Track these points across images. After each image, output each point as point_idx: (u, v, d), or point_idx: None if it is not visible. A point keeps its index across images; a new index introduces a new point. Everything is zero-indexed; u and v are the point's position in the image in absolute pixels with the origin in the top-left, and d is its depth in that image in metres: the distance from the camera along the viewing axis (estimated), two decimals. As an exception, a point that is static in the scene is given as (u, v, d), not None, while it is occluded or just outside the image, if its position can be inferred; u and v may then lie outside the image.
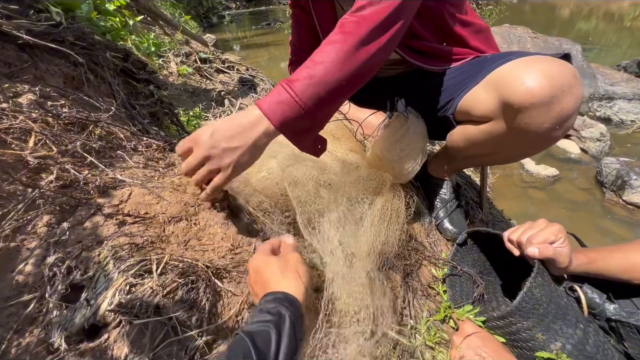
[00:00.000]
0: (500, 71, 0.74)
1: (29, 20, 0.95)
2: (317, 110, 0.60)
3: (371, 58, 0.62)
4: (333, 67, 0.59)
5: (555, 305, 0.66)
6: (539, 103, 0.65)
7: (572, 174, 2.92)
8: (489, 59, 0.83)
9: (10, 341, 0.40)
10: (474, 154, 0.92)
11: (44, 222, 0.53)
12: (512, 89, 0.68)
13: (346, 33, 0.61)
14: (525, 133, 0.71)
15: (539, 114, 0.66)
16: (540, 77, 0.65)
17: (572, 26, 8.71)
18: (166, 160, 0.96)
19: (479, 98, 0.79)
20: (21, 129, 0.67)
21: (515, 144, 0.78)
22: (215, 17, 14.93)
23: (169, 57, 3.56)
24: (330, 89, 0.59)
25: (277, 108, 0.57)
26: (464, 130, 0.87)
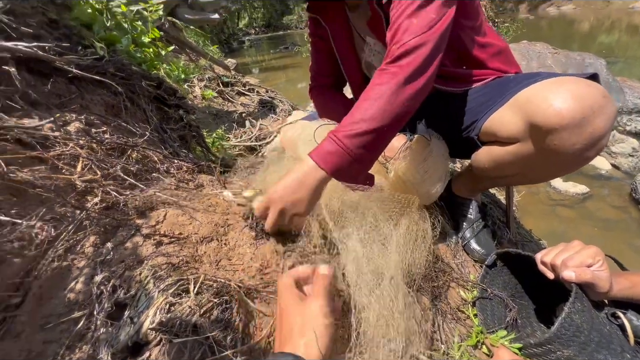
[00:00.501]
0: (527, 93, 0.74)
1: (77, 55, 1.04)
2: (363, 155, 0.68)
3: (409, 104, 0.68)
4: (375, 118, 0.66)
5: (597, 333, 0.62)
6: (569, 125, 0.65)
7: (603, 191, 2.79)
8: (511, 79, 0.84)
9: (63, 357, 0.42)
10: (500, 175, 0.90)
11: (91, 242, 0.57)
12: (540, 111, 0.68)
13: (383, 84, 0.67)
14: (556, 154, 0.70)
15: (570, 136, 0.66)
16: (569, 98, 0.65)
17: (593, 40, 8.55)
18: (195, 181, 1.00)
19: (505, 120, 0.79)
20: (70, 155, 0.72)
21: (545, 165, 0.76)
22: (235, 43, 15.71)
23: (193, 82, 3.76)
24: (374, 137, 0.67)
25: (328, 158, 0.67)
26: (490, 151, 0.86)
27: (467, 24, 0.86)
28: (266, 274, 0.69)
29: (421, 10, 0.69)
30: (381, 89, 0.67)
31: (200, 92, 3.59)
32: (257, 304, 0.59)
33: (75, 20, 1.13)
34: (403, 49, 0.68)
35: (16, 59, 0.82)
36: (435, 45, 0.68)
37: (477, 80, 0.90)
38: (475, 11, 0.87)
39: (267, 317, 0.58)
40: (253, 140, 3.01)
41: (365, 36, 0.97)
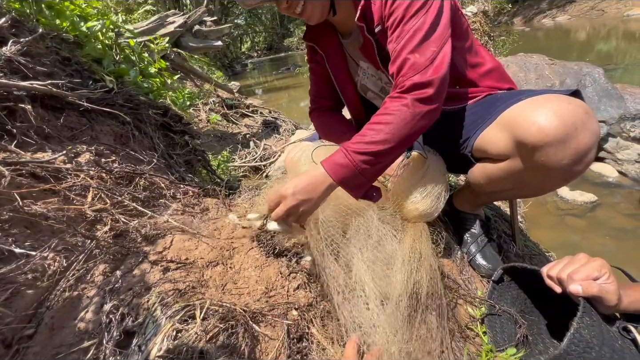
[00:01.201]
0: (512, 112, 0.76)
1: (88, 89, 1.10)
2: (369, 171, 0.74)
3: (416, 130, 0.74)
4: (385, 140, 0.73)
5: (609, 349, 0.61)
6: (553, 142, 0.67)
7: (612, 199, 2.74)
8: (499, 98, 0.86)
9: (73, 387, 0.43)
10: (495, 190, 0.92)
11: (100, 271, 0.59)
12: (525, 129, 0.70)
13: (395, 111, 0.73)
14: (545, 169, 0.72)
15: (556, 152, 0.68)
16: (551, 116, 0.67)
17: (591, 48, 8.63)
18: (201, 205, 1.02)
19: (494, 138, 0.81)
20: (81, 186, 0.75)
21: (536, 180, 0.78)
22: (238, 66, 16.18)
23: (198, 107, 3.87)
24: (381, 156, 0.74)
25: (337, 169, 0.73)
26: (483, 168, 0.88)
27: (458, 45, 0.89)
28: (271, 297, 0.69)
29: (422, 44, 0.74)
30: (393, 115, 0.73)
31: (206, 116, 3.69)
32: (262, 328, 0.60)
33: (87, 56, 1.20)
34: (411, 82, 0.73)
35: (31, 96, 0.87)
36: (442, 80, 0.73)
37: (471, 98, 0.93)
38: (465, 32, 0.90)
39: (273, 340, 0.59)
40: (257, 161, 3.06)
41: (359, 60, 1.02)
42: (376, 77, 1.02)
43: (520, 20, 15.39)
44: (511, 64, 3.56)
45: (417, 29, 0.74)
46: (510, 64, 3.56)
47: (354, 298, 0.72)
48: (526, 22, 14.98)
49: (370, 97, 1.10)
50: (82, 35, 1.17)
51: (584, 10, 13.62)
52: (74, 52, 1.16)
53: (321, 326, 0.66)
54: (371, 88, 1.06)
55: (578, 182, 2.94)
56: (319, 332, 0.65)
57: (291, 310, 0.66)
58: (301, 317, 0.65)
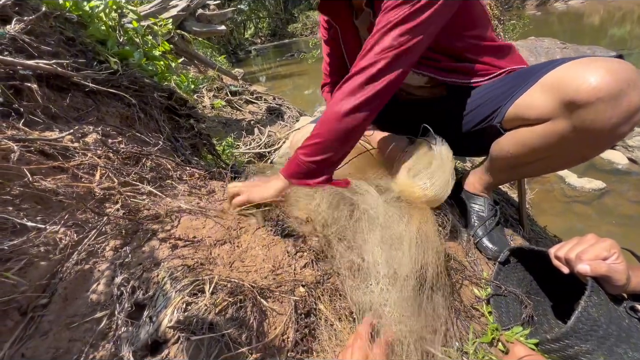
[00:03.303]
0: (557, 73, 0.74)
1: (93, 70, 1.09)
2: (315, 163, 0.83)
3: (353, 120, 0.80)
4: (321, 134, 0.81)
5: (616, 327, 0.61)
6: (606, 97, 0.65)
7: (622, 186, 2.71)
8: (534, 67, 0.84)
9: (87, 355, 0.44)
10: (523, 162, 0.89)
11: (111, 246, 0.59)
12: (575, 87, 0.68)
13: (333, 104, 0.80)
14: (591, 130, 0.70)
15: (606, 109, 0.66)
16: (604, 72, 0.65)
17: (605, 33, 8.37)
18: (207, 187, 1.03)
19: (535, 101, 0.78)
20: (89, 165, 0.76)
21: (576, 144, 0.76)
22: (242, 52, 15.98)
23: (202, 92, 3.84)
24: (320, 149, 0.82)
25: (287, 166, 0.86)
26: (516, 134, 0.85)
27: (469, 34, 0.88)
28: (278, 274, 0.70)
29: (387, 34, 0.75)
30: (329, 108, 0.81)
31: (210, 102, 3.67)
32: (270, 303, 0.60)
33: (91, 37, 1.18)
34: (352, 70, 0.79)
35: (37, 76, 0.87)
36: (382, 67, 0.76)
37: (488, 73, 0.91)
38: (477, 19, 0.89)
39: (281, 315, 0.59)
40: (262, 147, 3.05)
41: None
42: None
43: (532, 4, 14.91)
44: (521, 48, 3.47)
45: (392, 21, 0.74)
46: (520, 48, 3.46)
47: (363, 276, 0.72)
48: (538, 5, 14.52)
49: None
50: (85, 15, 1.16)
51: (598, -7, 13.14)
52: (78, 32, 1.15)
53: (329, 303, 0.66)
54: None
55: (586, 169, 2.90)
56: (326, 309, 0.65)
57: (298, 287, 0.67)
58: (308, 294, 0.65)
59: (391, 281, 0.72)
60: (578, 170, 2.87)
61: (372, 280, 0.72)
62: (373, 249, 0.77)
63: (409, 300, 0.70)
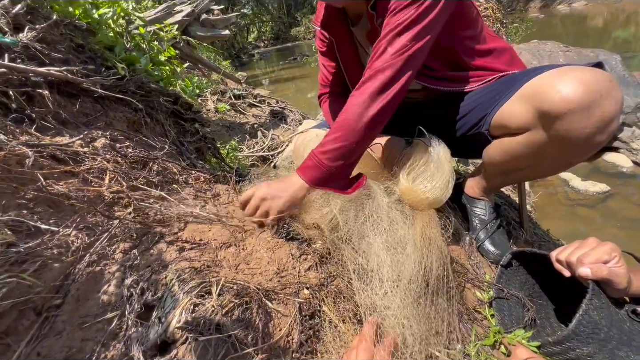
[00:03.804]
0: (533, 83, 0.75)
1: (101, 76, 1.12)
2: (335, 167, 0.80)
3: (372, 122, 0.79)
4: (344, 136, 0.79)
5: (617, 330, 0.61)
6: (577, 109, 0.66)
7: (626, 189, 2.70)
8: (518, 74, 0.86)
9: (99, 354, 0.46)
10: (513, 168, 0.90)
11: (120, 249, 0.61)
12: (548, 98, 0.69)
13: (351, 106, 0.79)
14: (567, 140, 0.71)
15: (579, 120, 0.67)
16: (575, 84, 0.66)
17: (608, 35, 8.34)
18: (212, 191, 1.04)
19: (514, 111, 0.80)
20: (99, 169, 0.78)
21: (556, 153, 0.77)
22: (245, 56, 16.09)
23: (206, 96, 3.88)
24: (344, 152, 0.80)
25: (307, 171, 0.81)
26: (501, 143, 0.87)
27: (465, 34, 0.89)
28: (283, 277, 0.71)
29: (397, 38, 0.77)
30: (349, 111, 0.79)
31: (214, 106, 3.70)
32: (275, 305, 0.62)
33: (99, 43, 1.21)
34: (368, 73, 0.78)
35: (48, 82, 0.89)
36: (398, 69, 0.76)
37: (479, 80, 0.92)
38: (474, 21, 0.89)
39: (286, 317, 0.61)
40: (265, 150, 3.07)
41: (367, 48, 1.02)
42: None
43: (535, 6, 14.91)
44: (524, 51, 3.47)
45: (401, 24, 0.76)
46: (523, 51, 3.47)
47: (367, 279, 0.73)
48: (541, 8, 14.51)
49: None
50: (94, 22, 1.19)
51: (601, -5, 13.12)
52: (87, 39, 1.17)
53: (333, 305, 0.68)
54: None
55: (590, 172, 2.89)
56: (330, 311, 0.66)
57: (303, 289, 0.68)
58: (313, 296, 0.66)
59: (395, 284, 0.73)
60: (582, 173, 2.87)
61: (377, 283, 0.73)
62: (378, 252, 0.78)
63: (412, 303, 0.71)
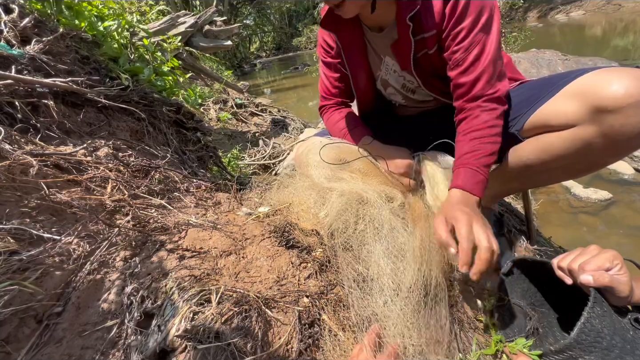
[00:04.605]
0: (582, 81, 0.77)
1: (106, 86, 1.14)
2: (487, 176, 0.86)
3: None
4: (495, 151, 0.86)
5: (620, 339, 0.61)
6: (635, 103, 0.68)
7: (629, 196, 2.68)
8: (554, 77, 0.88)
9: (98, 362, 0.46)
10: (543, 169, 0.90)
11: (121, 257, 0.61)
12: (605, 93, 0.71)
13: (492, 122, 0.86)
14: (618, 135, 0.72)
15: (636, 114, 0.68)
16: (632, 80, 0.69)
17: (607, 44, 8.41)
18: (213, 199, 1.05)
19: (560, 108, 0.80)
20: (101, 177, 0.79)
21: (602, 148, 0.77)
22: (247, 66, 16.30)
23: (209, 105, 3.93)
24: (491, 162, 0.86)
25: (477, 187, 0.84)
26: (538, 141, 0.87)
27: None
28: (283, 285, 0.71)
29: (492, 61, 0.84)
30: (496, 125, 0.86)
31: (216, 115, 3.74)
32: (274, 313, 0.62)
33: (104, 55, 1.24)
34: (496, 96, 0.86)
35: (53, 93, 0.91)
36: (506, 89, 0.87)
37: None
38: None
39: (285, 325, 0.60)
40: (267, 159, 3.09)
41: (385, 56, 1.00)
42: (398, 74, 1.02)
43: (534, 16, 15.09)
44: (523, 60, 3.50)
45: (486, 44, 0.83)
46: (522, 60, 3.50)
47: (367, 288, 0.73)
48: (539, 17, 14.68)
49: (389, 92, 1.10)
50: (99, 34, 1.21)
51: (599, 5, 13.28)
52: (92, 50, 1.20)
53: (332, 313, 0.67)
54: (393, 84, 1.06)
55: (591, 179, 2.88)
56: (330, 319, 0.66)
57: (302, 297, 0.68)
58: (312, 304, 0.66)
59: (395, 292, 0.73)
60: (583, 180, 2.85)
61: (377, 292, 0.73)
62: (378, 261, 0.78)
63: (413, 312, 0.70)
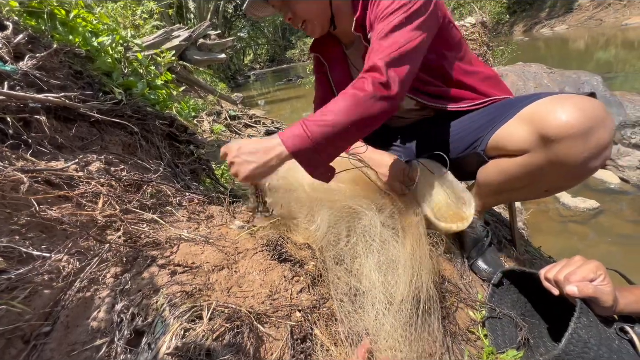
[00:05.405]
0: (534, 107, 0.80)
1: (99, 101, 1.14)
2: (324, 146, 0.73)
3: (372, 111, 0.75)
4: (341, 114, 0.73)
5: (607, 349, 0.62)
6: (576, 134, 0.70)
7: (616, 205, 2.74)
8: (514, 100, 0.91)
9: (87, 382, 0.45)
10: (507, 188, 0.93)
11: (112, 273, 0.61)
12: (549, 122, 0.73)
13: (355, 88, 0.75)
14: (564, 164, 0.74)
15: (577, 144, 0.71)
16: (575, 110, 0.71)
17: (591, 57, 8.71)
18: (206, 212, 1.05)
19: (513, 133, 0.83)
20: (92, 193, 0.79)
21: (552, 175, 0.80)
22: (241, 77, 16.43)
23: (202, 117, 3.94)
24: (337, 132, 0.73)
25: (292, 139, 0.73)
26: (498, 163, 0.90)
27: (451, 55, 0.95)
28: (275, 299, 0.71)
29: (391, 34, 0.78)
30: (350, 92, 0.75)
31: (209, 126, 3.76)
32: (266, 328, 0.61)
33: (97, 69, 1.25)
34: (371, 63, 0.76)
35: (46, 108, 0.91)
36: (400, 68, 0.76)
37: (474, 100, 0.97)
38: (459, 43, 0.95)
39: (277, 341, 0.60)
40: (260, 170, 3.10)
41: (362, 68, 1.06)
42: None
43: (520, 30, 15.60)
44: (510, 73, 3.61)
45: (392, 23, 0.78)
46: (508, 73, 3.61)
47: (359, 301, 0.73)
48: (525, 31, 15.18)
49: None
50: (93, 49, 1.23)
51: (582, 19, 13.80)
52: (85, 65, 1.21)
53: (325, 328, 0.67)
54: None
55: (580, 189, 2.95)
56: (322, 334, 0.66)
57: (295, 312, 0.68)
58: (305, 319, 0.66)
59: (387, 306, 0.73)
60: (572, 190, 2.92)
61: (368, 305, 0.73)
62: (369, 274, 0.79)
63: (404, 325, 0.71)
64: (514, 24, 16.03)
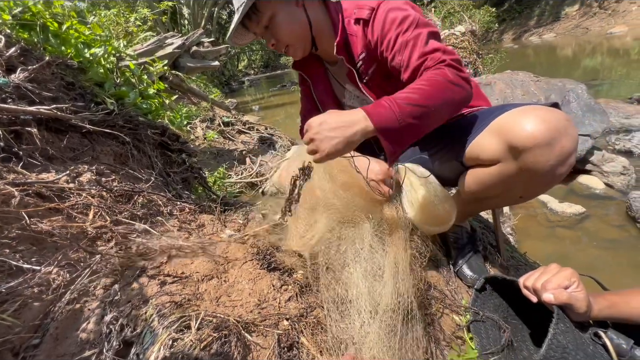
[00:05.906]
0: (502, 119, 0.84)
1: (90, 112, 1.16)
2: (408, 125, 0.73)
3: (451, 95, 0.79)
4: (428, 96, 0.75)
5: (583, 353, 0.65)
6: (541, 144, 0.74)
7: (601, 210, 2.81)
8: (486, 111, 0.95)
9: (75, 394, 0.46)
10: (486, 196, 0.97)
11: (101, 284, 0.62)
12: (515, 133, 0.78)
13: (438, 75, 0.79)
14: (533, 171, 0.79)
15: (543, 153, 0.75)
16: (538, 121, 0.75)
17: (578, 64, 8.92)
18: (197, 221, 1.06)
19: (485, 144, 0.88)
20: (83, 204, 0.80)
21: (524, 182, 0.84)
22: (235, 83, 16.45)
23: (195, 124, 3.95)
24: (423, 112, 0.74)
25: (378, 114, 0.72)
26: (475, 173, 0.94)
27: None
28: (263, 308, 0.73)
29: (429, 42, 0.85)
30: (435, 79, 0.78)
31: (202, 133, 3.76)
32: (254, 337, 0.63)
33: (89, 80, 1.26)
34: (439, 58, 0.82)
35: (37, 120, 0.92)
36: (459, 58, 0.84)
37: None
38: None
39: (264, 349, 0.62)
40: (254, 177, 3.11)
41: (345, 84, 1.11)
42: (361, 99, 1.09)
43: (509, 38, 15.93)
44: (498, 81, 3.69)
45: (417, 36, 0.84)
46: (497, 81, 3.69)
47: (346, 309, 0.75)
48: (514, 39, 15.51)
49: None
50: (85, 61, 1.24)
51: (569, 28, 14.15)
52: (77, 76, 1.22)
53: (311, 336, 0.69)
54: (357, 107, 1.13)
55: (566, 194, 3.01)
56: (308, 342, 0.68)
57: (282, 320, 0.69)
58: (292, 327, 0.68)
59: (372, 314, 0.75)
60: (559, 195, 2.98)
61: (355, 313, 0.75)
62: (357, 282, 0.81)
63: (389, 333, 0.73)
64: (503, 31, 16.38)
